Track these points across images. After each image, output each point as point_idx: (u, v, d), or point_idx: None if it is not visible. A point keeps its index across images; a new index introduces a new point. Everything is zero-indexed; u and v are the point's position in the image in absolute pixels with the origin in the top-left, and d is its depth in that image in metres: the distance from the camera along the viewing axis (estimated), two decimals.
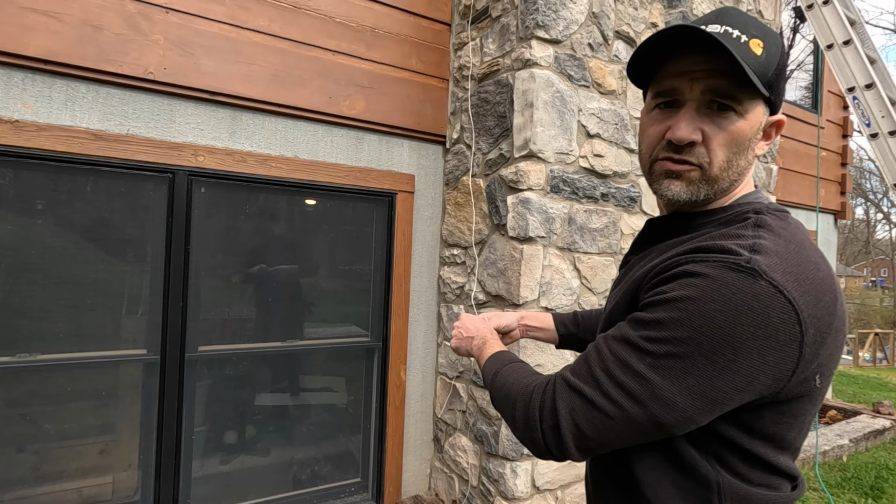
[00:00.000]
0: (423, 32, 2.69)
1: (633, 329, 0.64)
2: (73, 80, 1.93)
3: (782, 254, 0.60)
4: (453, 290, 2.65)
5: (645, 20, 2.53)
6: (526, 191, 2.19)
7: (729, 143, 0.67)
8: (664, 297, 0.62)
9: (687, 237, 0.71)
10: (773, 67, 0.65)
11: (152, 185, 2.08)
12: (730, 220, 0.69)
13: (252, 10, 2.23)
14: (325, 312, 2.54)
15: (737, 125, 0.66)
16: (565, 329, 1.21)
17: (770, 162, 3.25)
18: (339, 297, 2.59)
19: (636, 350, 0.62)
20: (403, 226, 2.66)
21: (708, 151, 0.67)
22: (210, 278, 2.23)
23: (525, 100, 2.20)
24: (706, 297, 0.58)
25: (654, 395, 0.60)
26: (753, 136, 0.68)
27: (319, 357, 2.56)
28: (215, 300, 2.25)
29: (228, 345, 2.29)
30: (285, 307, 2.44)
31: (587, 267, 2.36)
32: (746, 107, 0.66)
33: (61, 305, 1.95)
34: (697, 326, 0.58)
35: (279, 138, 2.34)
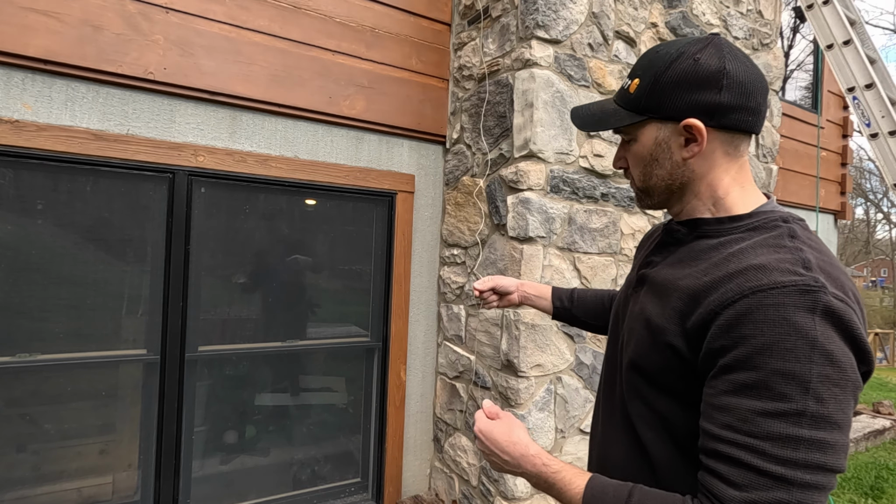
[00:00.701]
0: (423, 32, 2.69)
1: (758, 399, 0.60)
2: (73, 80, 1.93)
3: (825, 267, 0.65)
4: (453, 290, 2.65)
5: (645, 20, 2.54)
6: (526, 191, 2.19)
7: (635, 162, 0.83)
8: (768, 350, 0.60)
9: (716, 241, 0.76)
10: (647, 90, 0.77)
11: (152, 185, 2.08)
12: (758, 226, 0.74)
13: (252, 10, 2.23)
14: (325, 312, 2.54)
15: (635, 148, 0.82)
16: (560, 303, 1.32)
17: (770, 162, 3.25)
18: (339, 297, 2.59)
19: (787, 418, 0.59)
20: (403, 226, 2.66)
21: (630, 170, 0.86)
22: (210, 278, 2.23)
23: (525, 100, 2.20)
24: (807, 335, 0.59)
25: (834, 449, 0.59)
26: (654, 149, 0.80)
27: (319, 357, 2.56)
28: (215, 300, 2.25)
29: (228, 345, 2.30)
30: (285, 307, 2.44)
31: (587, 267, 2.36)
32: (635, 133, 0.81)
33: (61, 305, 1.95)
34: (819, 364, 0.59)
35: (279, 138, 2.34)
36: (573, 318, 1.31)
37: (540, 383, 2.22)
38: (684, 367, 0.69)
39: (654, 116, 0.78)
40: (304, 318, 2.49)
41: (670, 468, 0.73)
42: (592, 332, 1.35)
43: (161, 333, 2.09)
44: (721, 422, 0.63)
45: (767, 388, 0.60)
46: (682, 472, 0.72)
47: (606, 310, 1.26)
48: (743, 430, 0.61)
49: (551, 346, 2.24)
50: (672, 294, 0.74)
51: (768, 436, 0.59)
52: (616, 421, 0.83)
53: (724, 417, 0.62)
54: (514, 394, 2.19)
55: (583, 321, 1.30)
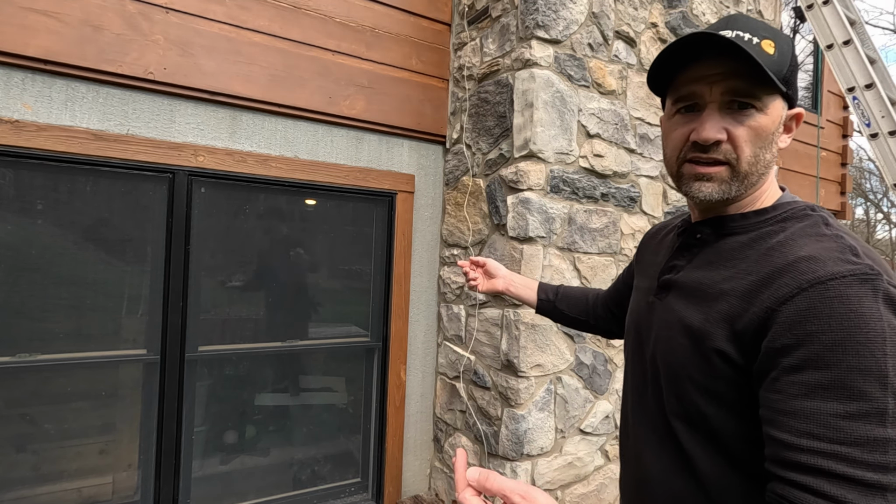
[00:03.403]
0: (423, 32, 2.69)
1: (836, 400, 0.56)
2: (73, 80, 1.93)
3: (868, 253, 0.62)
4: (453, 290, 2.65)
5: (645, 20, 2.54)
6: (526, 191, 2.19)
7: (753, 138, 0.69)
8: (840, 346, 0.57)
9: (746, 237, 0.72)
10: (787, 64, 0.69)
11: (152, 185, 2.08)
12: (787, 217, 0.71)
13: (252, 10, 2.23)
14: (325, 312, 2.54)
15: (758, 120, 0.69)
16: (545, 296, 1.31)
17: None
18: (339, 297, 2.59)
19: (870, 418, 0.55)
20: (403, 226, 2.66)
21: (734, 148, 0.70)
22: (210, 278, 2.23)
23: (525, 100, 2.20)
24: (876, 326, 0.56)
25: None
26: (775, 130, 0.71)
27: (319, 357, 2.56)
28: (215, 300, 2.25)
29: (228, 345, 2.29)
30: (285, 307, 2.44)
31: (587, 267, 2.36)
32: (765, 102, 0.69)
33: (61, 305, 1.95)
34: (893, 355, 0.56)
35: (279, 138, 2.34)
36: (557, 313, 1.29)
37: (540, 383, 2.22)
38: (735, 373, 0.65)
39: (789, 93, 0.70)
40: (305, 318, 2.49)
41: (722, 482, 0.68)
42: (575, 329, 1.34)
43: (161, 333, 2.09)
44: (797, 429, 0.57)
45: (845, 387, 0.55)
46: (735, 485, 0.67)
47: (590, 306, 1.26)
48: (826, 437, 0.55)
49: (551, 346, 2.24)
50: (714, 297, 0.69)
51: (854, 440, 0.54)
52: (654, 437, 0.78)
53: (800, 424, 0.57)
54: (513, 394, 2.19)
55: (566, 315, 1.28)
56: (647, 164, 2.57)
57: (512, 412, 2.19)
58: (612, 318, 1.21)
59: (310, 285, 2.51)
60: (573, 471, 2.34)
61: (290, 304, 2.45)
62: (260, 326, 2.38)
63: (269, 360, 2.39)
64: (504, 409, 2.23)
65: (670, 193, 2.68)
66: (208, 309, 2.23)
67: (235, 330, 2.32)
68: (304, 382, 2.52)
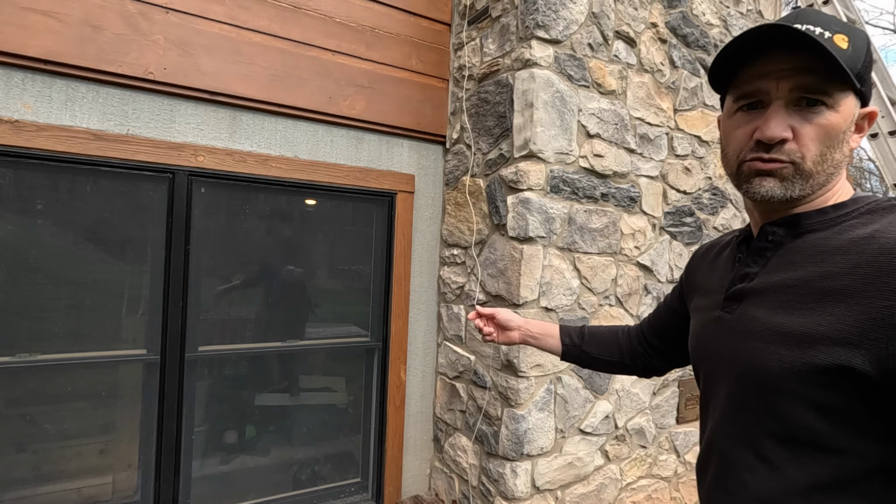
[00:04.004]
0: (423, 32, 2.69)
1: None
2: (73, 80, 1.93)
3: None
4: (453, 290, 2.65)
5: (645, 20, 2.54)
6: (526, 191, 2.19)
7: (822, 136, 0.66)
8: None
9: (829, 232, 0.68)
10: (861, 60, 0.66)
11: (152, 185, 2.08)
12: (872, 209, 0.67)
13: (252, 9, 2.23)
14: (325, 312, 2.54)
15: (828, 118, 0.66)
16: (570, 340, 1.19)
17: None
18: (339, 297, 2.59)
19: None
20: (403, 226, 2.66)
21: (800, 147, 0.67)
22: (210, 278, 2.23)
23: (525, 100, 2.20)
24: None
25: None
26: (847, 129, 0.67)
27: (319, 357, 2.56)
28: (215, 300, 2.25)
29: (228, 345, 2.30)
30: (285, 307, 2.44)
31: (587, 267, 2.36)
32: (837, 99, 0.66)
33: (61, 305, 1.95)
34: None
35: (279, 138, 2.34)
36: (586, 357, 1.18)
37: (540, 383, 2.22)
38: (860, 378, 0.58)
39: (863, 89, 0.67)
40: (304, 318, 2.49)
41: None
42: (607, 372, 1.21)
43: (161, 333, 2.09)
44: None
45: None
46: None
47: (623, 343, 1.15)
48: None
49: None
50: (817, 298, 0.63)
51: None
52: (752, 461, 0.69)
53: None
54: (513, 394, 2.19)
55: (596, 358, 1.18)
56: (647, 164, 2.57)
57: (512, 412, 2.19)
58: (654, 352, 1.11)
59: (310, 285, 2.51)
60: (573, 471, 2.34)
61: (290, 303, 2.45)
62: (260, 326, 2.38)
63: (269, 360, 2.39)
64: (504, 409, 2.23)
65: (670, 194, 2.68)
66: (208, 309, 2.23)
67: (235, 330, 2.32)
68: (304, 382, 2.52)
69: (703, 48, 2.79)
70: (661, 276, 2.65)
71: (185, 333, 2.13)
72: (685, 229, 2.75)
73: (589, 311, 2.38)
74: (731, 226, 2.98)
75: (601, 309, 2.42)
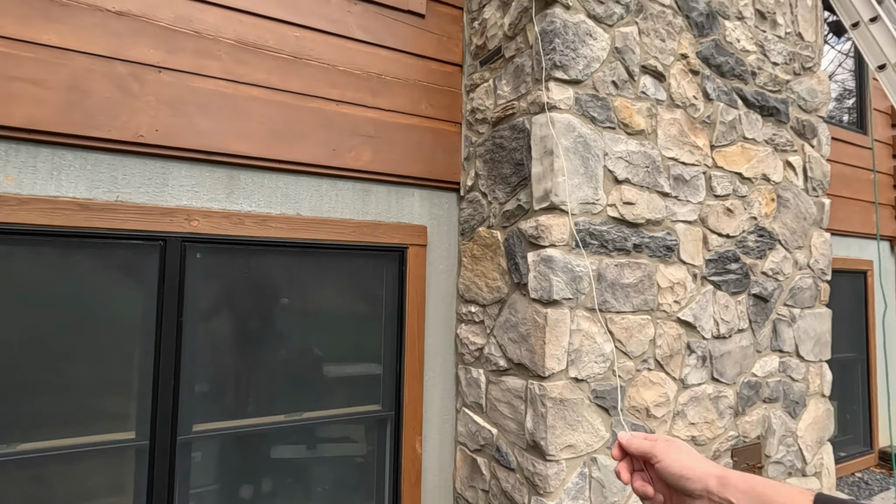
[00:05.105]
0: (433, 75, 2.53)
1: None
2: (59, 147, 1.82)
3: None
4: (472, 352, 2.41)
5: (674, 52, 2.31)
6: (548, 247, 1.96)
7: None
8: None
9: None
10: None
11: (143, 254, 1.94)
12: None
13: (249, 63, 2.11)
14: (332, 380, 2.33)
15: None
16: None
17: (821, 195, 2.94)
18: (347, 363, 2.38)
19: None
20: (416, 281, 2.45)
21: None
22: (205, 351, 2.06)
23: (543, 147, 1.99)
24: None
25: None
26: None
27: (326, 431, 2.33)
28: (211, 375, 2.07)
29: (226, 421, 2.10)
30: (288, 377, 2.24)
31: (621, 328, 2.09)
32: None
33: (42, 388, 1.80)
34: None
35: (280, 196, 2.19)
36: None
37: (572, 467, 1.94)
38: None
39: None
40: (309, 389, 2.29)
41: None
42: None
43: (151, 414, 1.91)
44: None
45: None
46: None
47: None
48: None
49: (583, 423, 1.97)
50: None
51: None
52: None
53: None
54: (541, 480, 1.91)
55: None
56: (684, 207, 2.31)
57: (541, 501, 1.91)
58: None
59: (315, 351, 2.31)
60: None
61: (293, 373, 2.25)
62: (261, 400, 2.18)
63: (270, 438, 2.19)
64: (531, 497, 1.96)
65: (711, 239, 2.40)
66: (204, 384, 2.05)
67: (234, 404, 2.13)
68: (309, 461, 2.30)
69: (740, 77, 2.54)
70: (706, 332, 2.36)
71: (177, 412, 1.95)
72: (730, 277, 2.46)
73: (625, 379, 2.10)
74: (781, 270, 2.67)
75: (639, 375, 2.14)
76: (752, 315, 2.56)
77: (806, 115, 2.84)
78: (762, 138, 2.63)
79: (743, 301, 2.52)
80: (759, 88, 2.63)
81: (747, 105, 2.58)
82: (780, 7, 2.74)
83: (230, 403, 2.13)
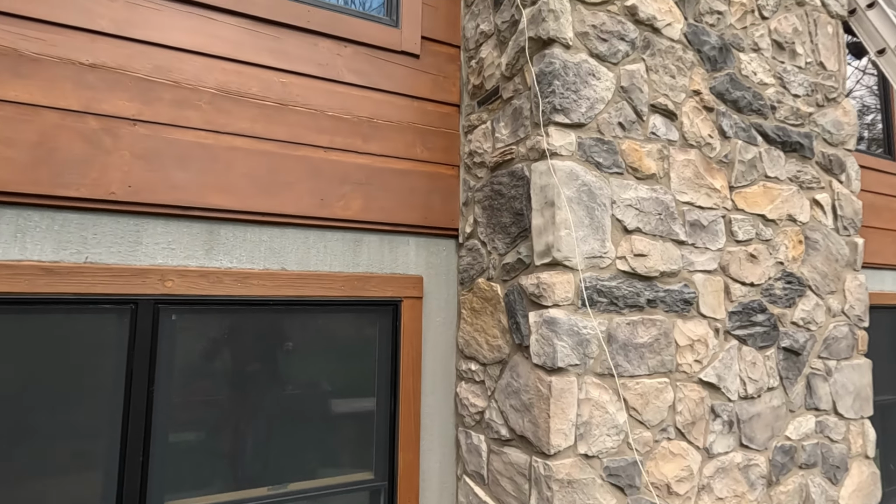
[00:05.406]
0: (429, 117, 2.40)
1: None
2: (24, 208, 1.71)
3: None
4: (472, 415, 2.21)
5: (685, 88, 2.15)
6: (551, 308, 1.77)
7: None
8: None
9: None
10: None
11: (112, 318, 1.81)
12: None
13: (232, 112, 2.00)
14: (319, 448, 2.14)
15: None
16: None
17: (853, 234, 2.70)
18: (336, 428, 2.19)
19: None
20: (411, 337, 2.28)
21: None
22: (179, 420, 1.90)
23: (544, 197, 1.83)
24: None
25: None
26: None
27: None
28: (186, 446, 1.91)
29: (203, 497, 1.92)
30: (271, 446, 2.06)
31: (635, 394, 1.88)
32: None
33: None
34: None
35: (264, 250, 2.05)
36: None
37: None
38: None
39: None
40: (295, 457, 2.10)
41: None
42: None
43: (116, 493, 1.74)
44: None
45: None
46: None
47: None
48: None
49: None
50: None
51: None
52: None
53: None
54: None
55: None
56: (702, 255, 2.11)
57: None
58: None
59: (301, 417, 2.13)
60: None
61: (277, 441, 2.07)
62: (242, 471, 2.00)
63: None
64: None
65: (734, 288, 2.19)
66: (178, 456, 1.88)
67: (212, 478, 1.95)
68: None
69: (759, 112, 2.36)
70: (732, 394, 2.12)
71: (145, 490, 1.78)
72: (757, 330, 2.23)
73: (642, 452, 1.88)
74: (813, 319, 2.43)
75: (657, 446, 1.91)
76: (783, 371, 2.31)
77: (832, 148, 2.64)
78: (786, 176, 2.43)
79: (772, 356, 2.28)
80: (779, 123, 2.44)
81: (768, 141, 2.39)
82: (799, 36, 2.57)
83: (207, 476, 1.96)
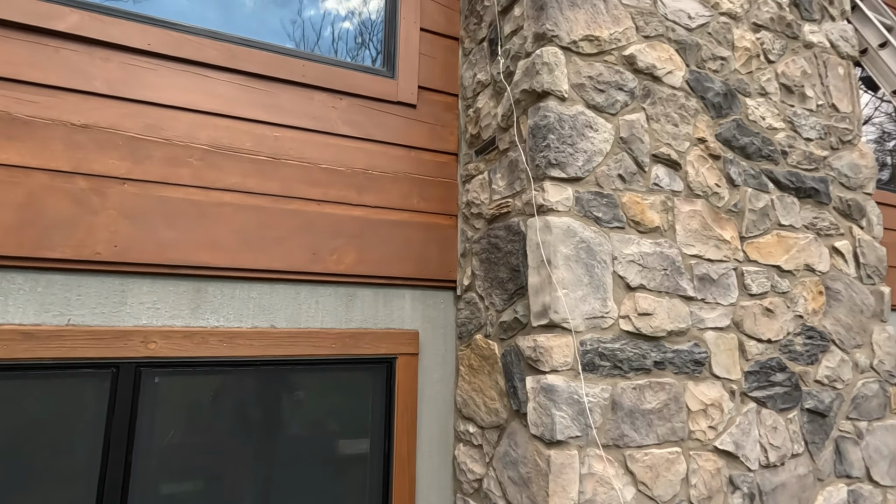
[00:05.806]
0: (425, 166, 2.36)
1: None
2: (7, 270, 1.68)
3: None
4: (470, 482, 2.07)
5: (689, 136, 2.07)
6: (549, 373, 1.66)
7: None
8: None
9: None
10: None
11: (92, 383, 1.75)
12: None
13: (223, 167, 1.98)
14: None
15: None
16: None
17: (878, 283, 2.54)
18: (325, 498, 2.07)
19: None
20: (406, 396, 2.17)
21: None
22: (160, 488, 1.80)
23: (540, 255, 1.74)
24: None
25: None
26: None
27: None
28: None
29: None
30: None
31: (644, 467, 1.73)
32: None
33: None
34: None
35: (252, 307, 1.99)
36: None
37: None
38: None
39: None
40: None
41: None
42: None
43: None
44: None
45: None
46: None
47: None
48: None
49: None
50: None
51: None
52: None
53: None
54: None
55: None
56: (713, 312, 1.98)
57: None
58: None
59: (288, 487, 2.01)
60: None
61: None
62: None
63: None
64: None
65: (750, 346, 2.05)
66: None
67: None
68: None
69: (769, 158, 2.27)
70: (752, 463, 1.95)
71: None
72: (777, 391, 2.07)
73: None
74: (839, 376, 2.26)
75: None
76: (809, 435, 2.13)
77: (850, 193, 2.51)
78: (801, 224, 2.31)
79: (795, 419, 2.11)
80: (792, 168, 2.33)
81: (780, 188, 2.28)
82: (808, 79, 2.49)
83: None
